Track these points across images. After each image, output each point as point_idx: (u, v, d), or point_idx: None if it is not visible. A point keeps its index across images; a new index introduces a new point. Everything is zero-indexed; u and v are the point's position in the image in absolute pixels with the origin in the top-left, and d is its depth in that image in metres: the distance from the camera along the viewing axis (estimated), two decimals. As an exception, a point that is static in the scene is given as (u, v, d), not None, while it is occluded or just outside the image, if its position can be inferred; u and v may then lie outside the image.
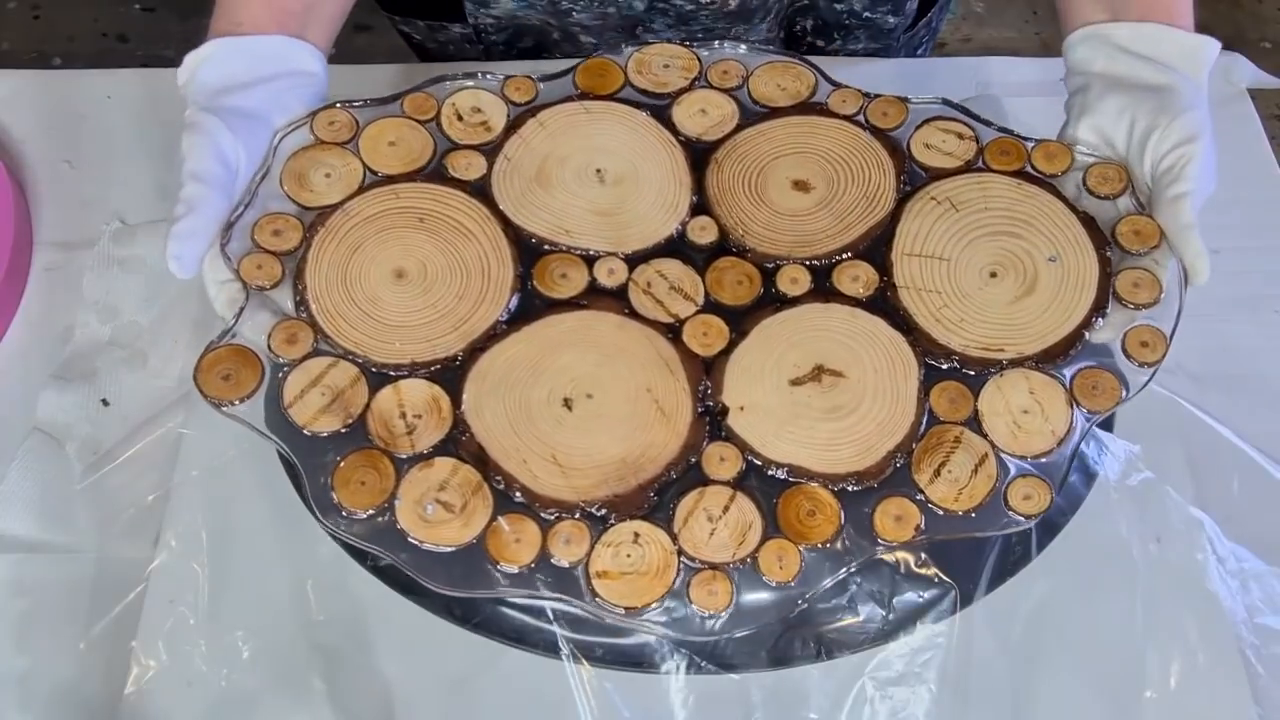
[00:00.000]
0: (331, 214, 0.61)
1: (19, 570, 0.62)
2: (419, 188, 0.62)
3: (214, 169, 0.57)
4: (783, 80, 0.67)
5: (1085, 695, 0.58)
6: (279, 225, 0.60)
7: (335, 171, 0.62)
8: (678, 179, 0.64)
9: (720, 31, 0.83)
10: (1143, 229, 0.60)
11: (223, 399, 0.55)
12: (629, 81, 0.67)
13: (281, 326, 0.57)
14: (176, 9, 1.89)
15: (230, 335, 0.57)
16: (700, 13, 0.80)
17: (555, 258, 0.61)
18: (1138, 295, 0.59)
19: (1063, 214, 0.62)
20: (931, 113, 0.66)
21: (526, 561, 0.52)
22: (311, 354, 0.57)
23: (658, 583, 0.52)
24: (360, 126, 0.64)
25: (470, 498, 0.54)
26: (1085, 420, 0.56)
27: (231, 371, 0.56)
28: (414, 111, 0.65)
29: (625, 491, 0.54)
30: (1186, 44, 0.62)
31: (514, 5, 0.81)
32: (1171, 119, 0.59)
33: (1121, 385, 0.57)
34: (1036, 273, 0.60)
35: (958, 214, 0.62)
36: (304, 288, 0.58)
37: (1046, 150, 0.64)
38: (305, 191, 0.61)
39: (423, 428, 0.55)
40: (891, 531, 0.53)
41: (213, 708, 0.57)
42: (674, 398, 0.57)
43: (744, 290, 0.60)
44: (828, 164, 0.64)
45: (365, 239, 0.60)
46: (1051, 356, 0.58)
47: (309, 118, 0.63)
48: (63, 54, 1.84)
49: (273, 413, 0.55)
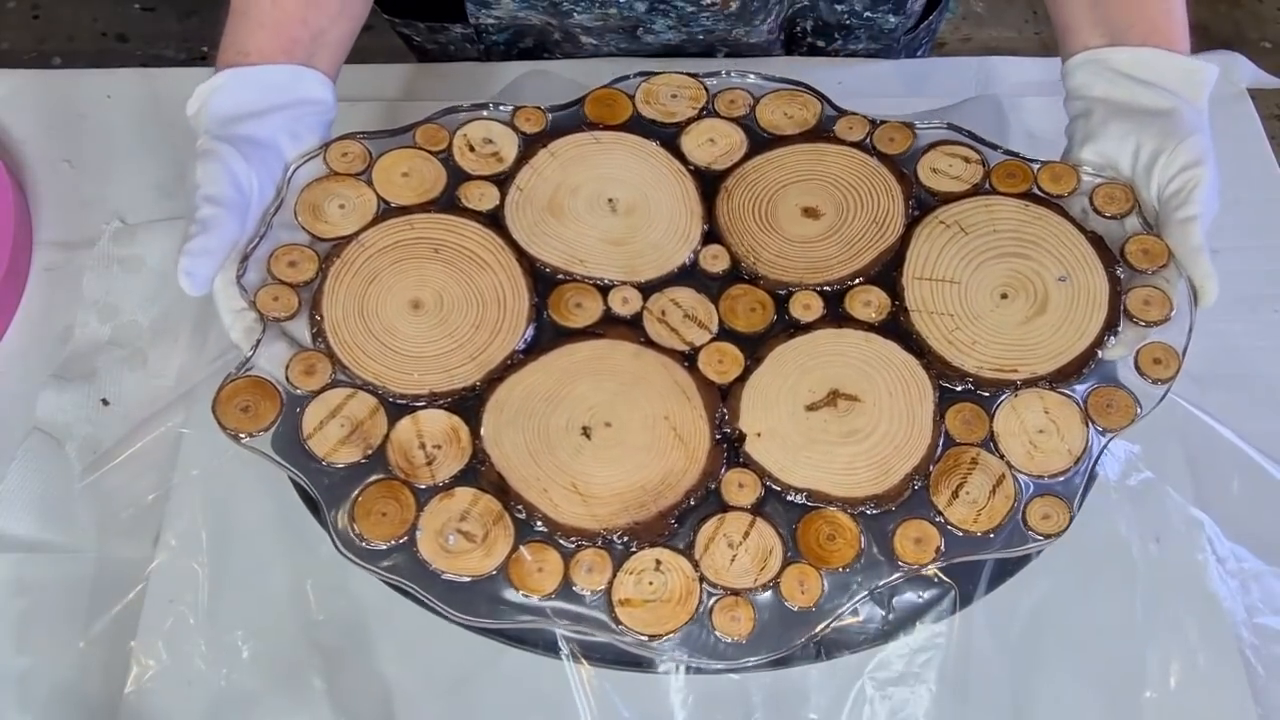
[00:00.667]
0: (347, 245, 0.61)
1: (19, 570, 0.61)
2: (433, 218, 0.63)
3: (229, 193, 0.58)
4: (789, 109, 0.68)
5: (1085, 695, 0.58)
6: (294, 256, 0.60)
7: (349, 203, 0.63)
8: (689, 208, 0.65)
9: (721, 32, 0.83)
10: (1151, 248, 0.61)
11: (241, 430, 0.55)
12: (637, 112, 0.68)
13: (300, 358, 0.57)
14: (176, 8, 1.89)
15: (247, 367, 0.57)
16: (701, 14, 0.80)
17: (570, 287, 0.61)
18: (1149, 313, 0.59)
19: (1071, 234, 0.62)
20: (938, 137, 0.67)
21: (549, 590, 0.53)
22: (330, 385, 0.57)
23: (681, 610, 0.52)
24: (373, 158, 0.64)
25: (491, 527, 0.54)
26: (1100, 438, 0.56)
27: (250, 403, 0.56)
28: (426, 143, 0.65)
29: (646, 519, 0.54)
30: (1186, 68, 0.63)
31: (515, 5, 0.81)
32: (1177, 143, 0.60)
33: (1135, 402, 0.57)
34: (1047, 293, 0.60)
35: (966, 237, 0.63)
36: (321, 319, 0.59)
37: (1053, 171, 0.64)
38: (320, 223, 0.62)
39: (442, 458, 0.55)
40: (912, 554, 0.54)
41: (212, 707, 0.57)
42: (691, 425, 0.57)
43: (757, 317, 0.61)
44: (837, 190, 0.65)
45: (381, 270, 0.61)
46: (1065, 376, 0.58)
47: (322, 149, 0.64)
48: (62, 53, 1.84)
49: (292, 444, 0.55)
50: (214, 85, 0.61)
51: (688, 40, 0.71)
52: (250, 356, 0.57)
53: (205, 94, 0.61)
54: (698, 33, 0.83)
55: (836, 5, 0.85)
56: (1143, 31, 0.63)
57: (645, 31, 0.83)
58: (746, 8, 0.80)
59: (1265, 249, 0.71)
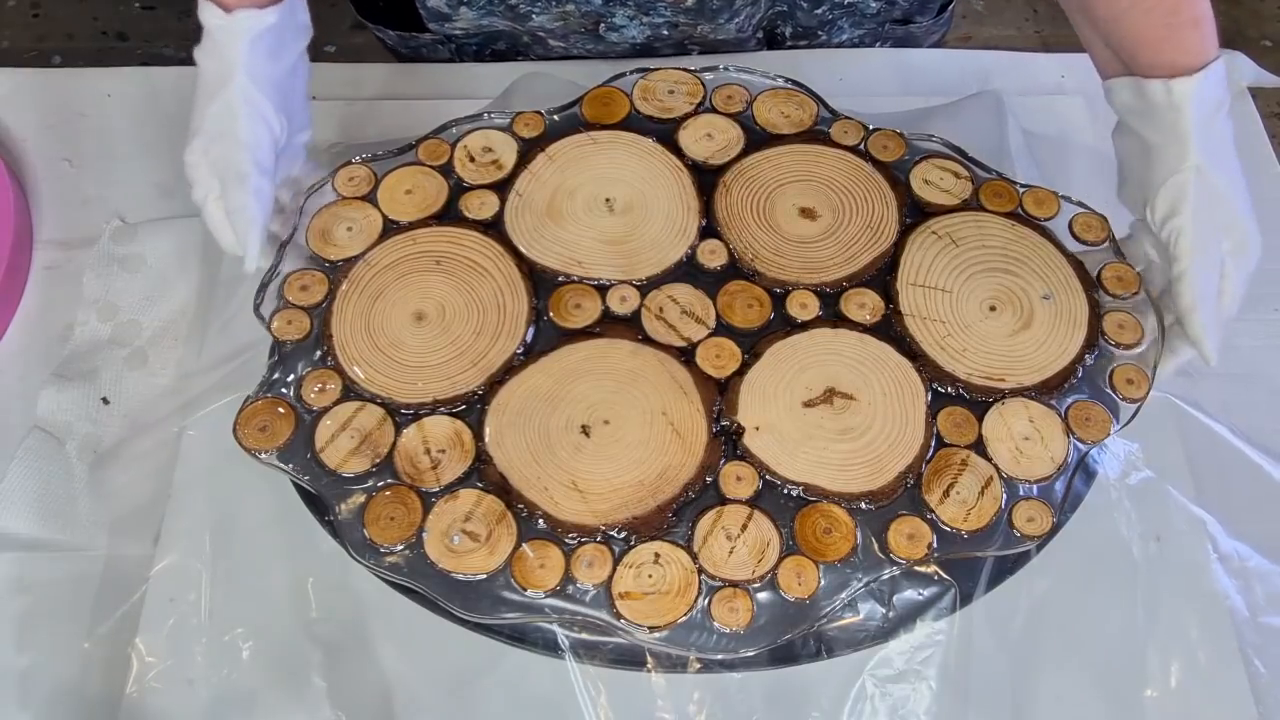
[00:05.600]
0: (353, 265, 0.63)
1: (19, 569, 0.61)
2: (435, 231, 0.64)
3: (269, 159, 0.59)
4: (786, 108, 0.69)
5: (1086, 693, 0.58)
6: (306, 281, 0.62)
7: (356, 224, 0.64)
8: (685, 203, 0.65)
9: (685, 28, 0.81)
10: (1124, 275, 0.63)
11: (261, 449, 0.58)
12: (635, 108, 0.69)
13: (312, 376, 0.59)
14: (176, 7, 1.88)
15: (265, 388, 0.59)
16: (658, 3, 0.78)
17: (569, 289, 0.63)
18: (1123, 336, 0.61)
19: (1054, 256, 0.64)
20: (929, 149, 0.68)
21: (551, 586, 0.54)
22: (340, 400, 0.59)
23: (680, 601, 0.54)
24: (378, 179, 0.66)
25: (495, 526, 0.55)
26: (1079, 450, 0.58)
27: (267, 423, 0.58)
28: (428, 158, 0.67)
29: (644, 513, 0.56)
30: (1161, 91, 0.56)
31: (474, 15, 0.81)
32: (1154, 193, 0.57)
33: (1112, 418, 0.59)
34: (1033, 309, 0.62)
35: (958, 249, 0.64)
36: (330, 338, 0.60)
37: (1036, 196, 0.66)
38: (329, 246, 0.64)
39: (447, 462, 0.57)
40: (905, 549, 0.55)
41: (213, 705, 0.57)
42: (689, 419, 0.58)
43: (755, 314, 0.62)
44: (833, 193, 0.66)
45: (386, 286, 0.62)
46: (1049, 389, 0.60)
47: (330, 176, 0.66)
48: (62, 52, 1.83)
49: (304, 456, 0.57)
50: (251, 28, 0.57)
51: (654, 37, 0.68)
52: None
53: (244, 33, 0.58)
54: (661, 26, 0.81)
55: (815, 10, 0.83)
56: (1130, 51, 0.58)
57: (609, 29, 0.81)
58: (706, 4, 0.78)
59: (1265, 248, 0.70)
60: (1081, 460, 0.58)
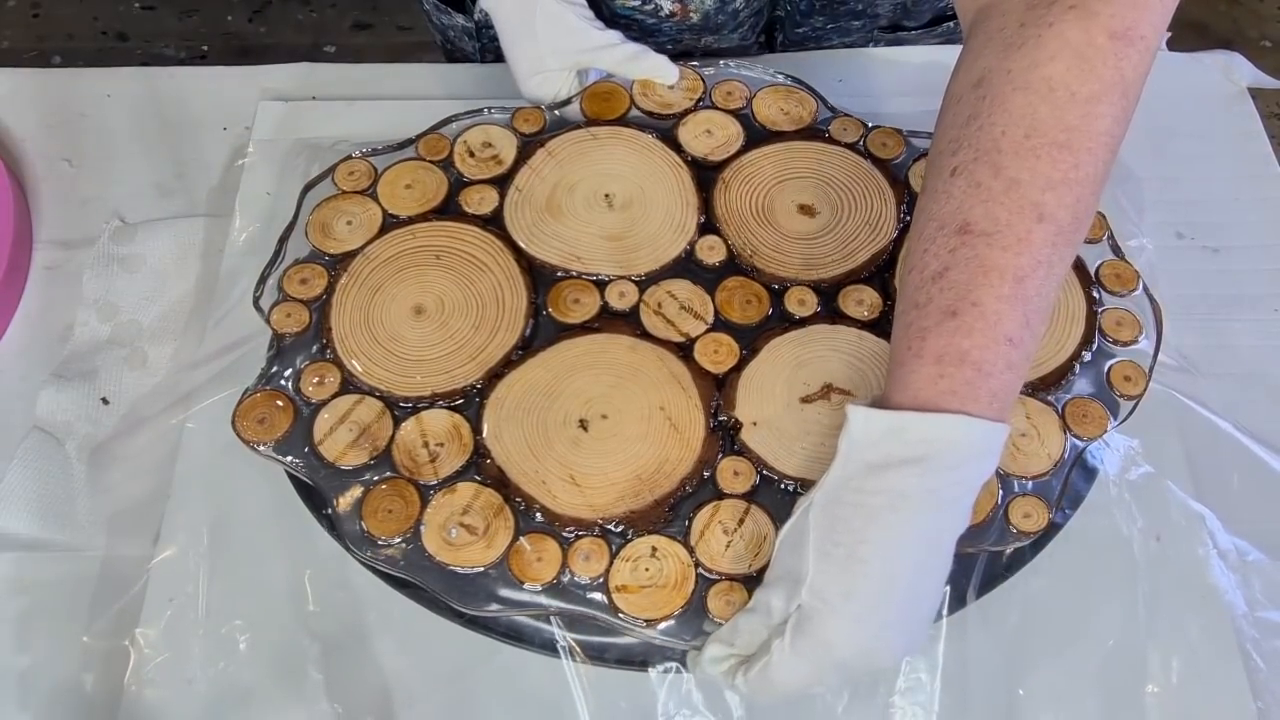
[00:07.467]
0: (353, 259, 0.63)
1: (19, 568, 0.61)
2: (434, 226, 0.65)
3: None
4: (785, 105, 0.69)
5: (1085, 690, 0.58)
6: (305, 274, 0.63)
7: (356, 219, 0.65)
8: (685, 199, 0.66)
9: (689, 42, 0.82)
10: (1122, 272, 0.64)
11: (259, 441, 0.58)
12: (634, 104, 0.69)
13: (310, 369, 0.60)
14: (176, 7, 1.88)
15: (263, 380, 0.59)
16: (663, 24, 0.79)
17: (568, 284, 0.63)
18: (1121, 333, 0.62)
19: None
20: (927, 148, 0.67)
21: (548, 579, 0.54)
22: (339, 393, 0.59)
23: (676, 595, 0.54)
24: (378, 173, 0.66)
25: (492, 520, 0.56)
26: (1076, 446, 0.58)
27: (266, 415, 0.59)
28: (428, 153, 0.67)
29: (641, 507, 0.56)
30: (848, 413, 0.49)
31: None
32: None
33: (1109, 414, 0.59)
34: None
35: None
36: (329, 331, 0.61)
37: None
38: (329, 240, 0.64)
39: (445, 455, 0.57)
40: (900, 544, 0.55)
41: (212, 701, 0.57)
42: (687, 414, 0.58)
43: (753, 310, 0.62)
44: (832, 190, 0.66)
45: (385, 280, 0.62)
46: (1046, 384, 0.60)
47: (330, 171, 0.66)
48: (62, 52, 1.83)
49: (304, 449, 0.58)
50: None
51: (658, 50, 0.70)
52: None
53: None
54: (665, 42, 0.82)
55: (797, 29, 0.84)
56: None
57: None
58: (710, 20, 0.79)
59: (1265, 248, 0.70)
60: (1079, 457, 0.58)
